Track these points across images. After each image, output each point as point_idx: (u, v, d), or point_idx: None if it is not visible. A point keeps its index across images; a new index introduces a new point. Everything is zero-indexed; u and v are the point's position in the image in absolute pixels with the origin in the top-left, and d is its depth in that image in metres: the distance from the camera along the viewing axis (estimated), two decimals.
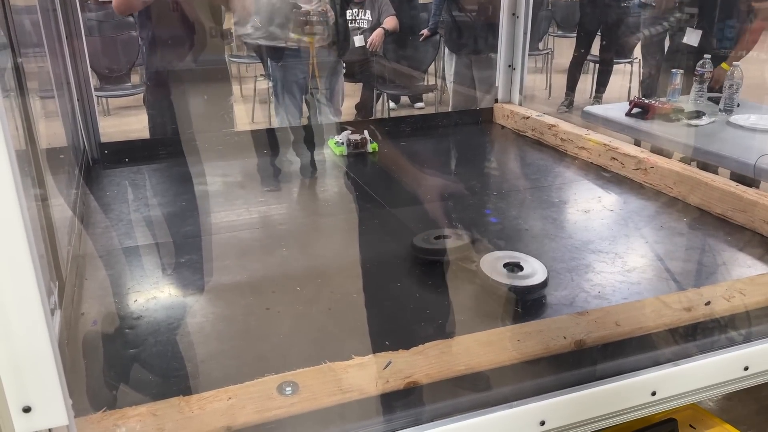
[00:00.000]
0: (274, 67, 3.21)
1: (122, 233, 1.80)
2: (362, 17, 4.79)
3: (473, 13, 3.93)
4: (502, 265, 1.49)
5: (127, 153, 2.42)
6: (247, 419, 0.94)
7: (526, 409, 1.07)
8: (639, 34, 5.15)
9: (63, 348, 1.19)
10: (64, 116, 2.25)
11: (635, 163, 2.13)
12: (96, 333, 1.33)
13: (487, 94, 3.19)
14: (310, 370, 1.03)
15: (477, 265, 1.50)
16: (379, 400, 1.02)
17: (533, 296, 1.42)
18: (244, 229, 1.86)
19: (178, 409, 0.95)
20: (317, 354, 1.10)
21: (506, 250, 1.59)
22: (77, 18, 2.36)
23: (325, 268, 1.63)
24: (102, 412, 0.95)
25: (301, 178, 2.36)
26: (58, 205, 1.66)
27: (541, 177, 2.26)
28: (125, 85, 5.35)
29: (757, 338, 1.27)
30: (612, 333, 1.16)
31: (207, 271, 1.60)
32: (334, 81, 3.28)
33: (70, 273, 1.47)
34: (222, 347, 1.28)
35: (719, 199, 1.87)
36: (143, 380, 1.16)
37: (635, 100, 2.82)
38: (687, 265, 1.63)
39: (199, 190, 2.14)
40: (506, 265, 1.49)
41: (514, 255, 1.54)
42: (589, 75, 6.29)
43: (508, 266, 1.48)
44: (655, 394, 1.17)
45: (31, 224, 0.77)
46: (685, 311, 1.23)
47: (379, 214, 1.94)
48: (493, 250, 1.59)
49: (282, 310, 1.41)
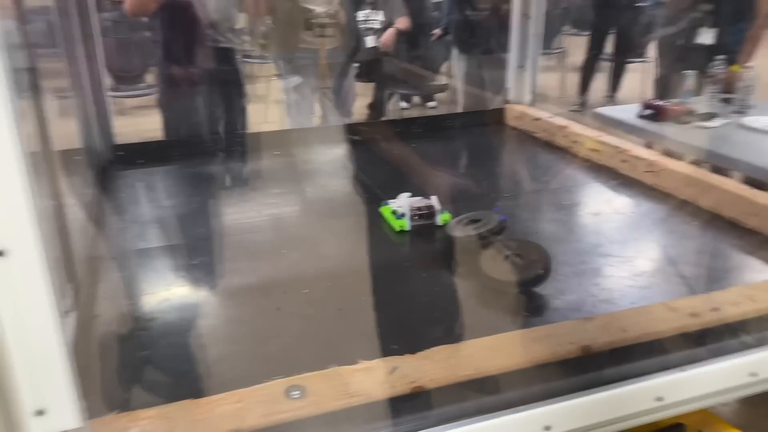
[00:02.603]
0: (285, 68, 3.24)
1: (136, 235, 1.82)
2: (374, 18, 4.81)
3: (484, 13, 3.93)
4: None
5: (141, 154, 2.45)
6: (255, 422, 0.96)
7: (531, 414, 1.08)
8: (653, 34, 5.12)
9: (77, 350, 1.21)
10: (79, 117, 2.28)
11: (646, 166, 2.13)
12: (109, 335, 1.36)
13: (497, 94, 3.18)
14: (318, 374, 1.05)
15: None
16: (385, 405, 1.04)
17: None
18: (255, 232, 1.89)
19: (188, 411, 0.97)
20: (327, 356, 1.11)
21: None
22: (92, 19, 2.39)
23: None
24: (114, 414, 0.97)
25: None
26: (73, 207, 1.69)
27: (550, 179, 2.26)
28: (140, 86, 5.40)
29: (765, 344, 1.27)
30: (618, 339, 1.16)
31: (219, 272, 1.62)
32: (345, 82, 3.29)
33: (85, 275, 1.50)
34: (233, 348, 1.30)
35: (730, 202, 1.86)
36: (155, 382, 1.18)
37: (647, 102, 2.81)
38: (696, 269, 1.62)
39: (212, 192, 2.17)
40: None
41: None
42: (603, 75, 6.26)
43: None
44: (662, 399, 1.17)
45: (45, 226, 0.79)
46: (692, 317, 1.23)
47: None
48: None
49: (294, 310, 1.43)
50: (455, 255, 1.67)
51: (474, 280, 1.52)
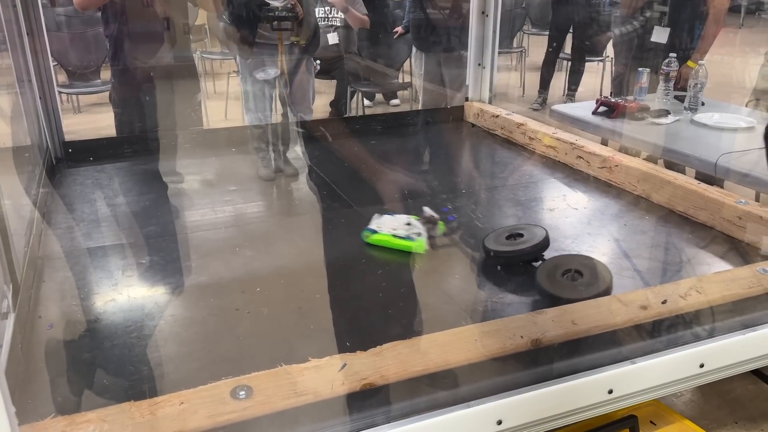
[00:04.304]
0: (242, 64, 3.19)
1: (83, 233, 1.77)
2: (335, 15, 4.78)
3: (444, 11, 3.93)
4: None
5: (92, 151, 2.39)
6: (199, 424, 0.93)
7: (483, 408, 1.07)
8: (610, 33, 5.20)
9: (15, 352, 1.17)
10: (27, 114, 2.20)
11: (600, 162, 2.15)
12: (52, 336, 1.31)
13: (457, 92, 3.19)
14: (265, 374, 1.03)
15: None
16: (335, 403, 1.02)
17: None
18: (208, 230, 1.85)
19: (128, 414, 0.94)
20: (280, 355, 1.09)
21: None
22: (38, 14, 2.31)
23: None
24: (50, 418, 0.93)
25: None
26: (15, 206, 1.63)
27: (507, 175, 2.27)
28: (95, 82, 5.25)
29: (712, 336, 1.29)
30: (568, 332, 1.17)
31: (169, 271, 1.58)
32: (304, 78, 3.26)
33: (27, 275, 1.45)
34: (181, 350, 1.27)
35: (682, 197, 1.90)
36: (98, 385, 1.14)
37: (602, 99, 2.85)
38: (649, 262, 1.64)
39: (164, 189, 2.12)
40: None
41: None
42: (563, 73, 6.33)
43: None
44: (612, 392, 1.18)
45: None
46: (642, 309, 1.24)
47: None
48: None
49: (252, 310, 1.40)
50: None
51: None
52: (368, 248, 1.68)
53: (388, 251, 1.65)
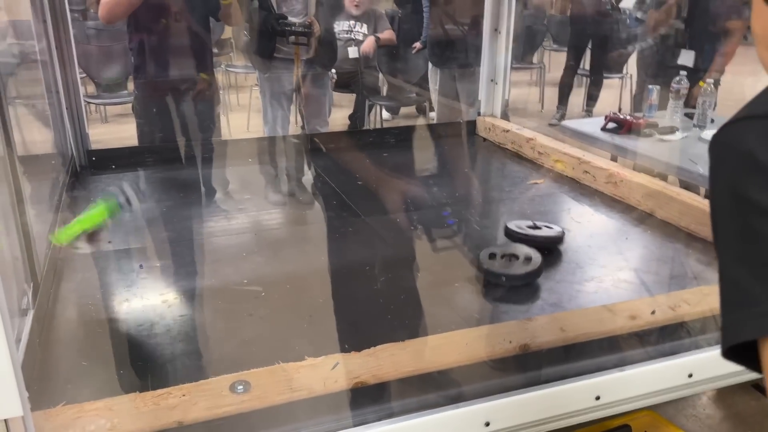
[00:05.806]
0: (261, 77, 3.28)
1: (102, 236, 1.85)
2: (359, 30, 4.88)
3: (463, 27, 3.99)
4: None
5: (115, 160, 2.48)
6: (199, 415, 0.99)
7: (472, 409, 1.12)
8: (629, 49, 5.23)
9: (34, 346, 1.24)
10: (54, 124, 2.31)
11: (606, 177, 2.19)
12: (68, 332, 1.39)
13: (471, 107, 3.24)
14: (263, 370, 1.08)
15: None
16: (328, 400, 1.07)
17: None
18: (221, 236, 1.92)
19: (134, 404, 1.00)
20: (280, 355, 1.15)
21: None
22: (67, 28, 2.42)
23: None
24: (61, 405, 1.00)
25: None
26: (38, 210, 1.72)
27: (514, 188, 2.32)
28: (121, 93, 5.42)
29: (702, 346, 1.32)
30: (557, 338, 1.21)
31: (182, 274, 1.65)
32: (321, 92, 3.34)
33: (47, 275, 1.53)
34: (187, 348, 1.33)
35: (685, 213, 1.92)
36: (108, 377, 1.21)
37: (611, 115, 2.89)
38: (647, 276, 1.67)
39: (182, 197, 2.20)
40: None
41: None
42: (582, 89, 6.36)
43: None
44: (600, 398, 1.22)
45: (3, 228, 0.82)
46: (631, 319, 1.28)
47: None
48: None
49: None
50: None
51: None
52: (372, 256, 1.74)
53: (390, 259, 1.71)
